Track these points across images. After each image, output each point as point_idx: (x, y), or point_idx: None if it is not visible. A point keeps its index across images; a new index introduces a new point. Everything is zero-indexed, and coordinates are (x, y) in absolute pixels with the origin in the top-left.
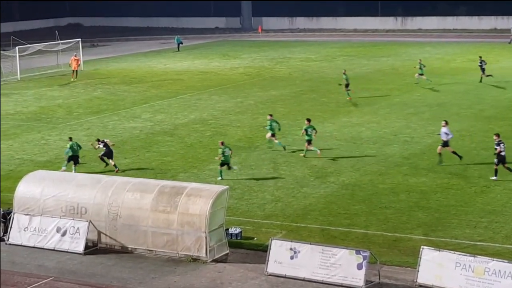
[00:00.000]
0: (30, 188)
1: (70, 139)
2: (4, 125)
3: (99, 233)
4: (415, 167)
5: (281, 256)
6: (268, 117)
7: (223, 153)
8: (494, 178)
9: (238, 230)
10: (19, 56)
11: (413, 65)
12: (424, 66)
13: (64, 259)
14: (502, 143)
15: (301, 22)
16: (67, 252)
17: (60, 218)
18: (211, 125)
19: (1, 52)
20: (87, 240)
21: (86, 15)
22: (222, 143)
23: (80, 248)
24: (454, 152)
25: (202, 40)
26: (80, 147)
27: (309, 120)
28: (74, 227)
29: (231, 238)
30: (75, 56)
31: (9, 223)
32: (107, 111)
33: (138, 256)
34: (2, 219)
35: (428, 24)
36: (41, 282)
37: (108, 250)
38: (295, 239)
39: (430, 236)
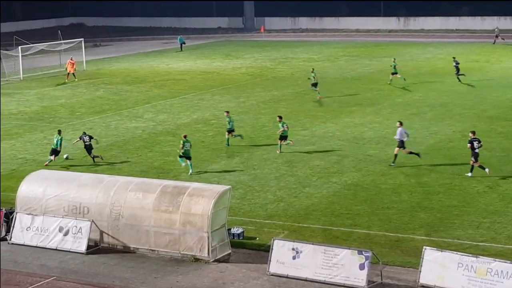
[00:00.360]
0: (33, 188)
1: (59, 132)
2: (7, 125)
3: (101, 232)
4: (417, 168)
5: (283, 256)
6: (225, 113)
7: (183, 145)
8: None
9: (240, 230)
10: (21, 55)
11: (415, 65)
12: (396, 65)
13: (66, 259)
14: (476, 140)
15: (304, 22)
16: (69, 251)
17: (63, 217)
18: (213, 125)
19: (4, 51)
20: (89, 240)
21: (88, 15)
22: (185, 136)
23: (82, 247)
24: (396, 154)
25: (204, 40)
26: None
27: (280, 117)
28: (76, 227)
29: (233, 238)
30: (71, 59)
31: (12, 222)
32: (109, 111)
33: (140, 256)
34: (4, 219)
35: (431, 24)
36: (43, 282)
37: (110, 250)
38: (297, 239)
39: (432, 236)
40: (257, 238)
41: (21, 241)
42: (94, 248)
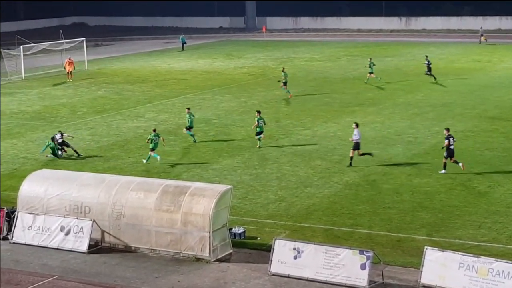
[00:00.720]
0: (34, 187)
1: (52, 139)
2: (9, 124)
3: (103, 232)
4: (418, 168)
5: (285, 256)
6: (186, 110)
7: (151, 140)
8: (443, 171)
9: (241, 230)
10: (23, 55)
11: (417, 65)
12: (374, 65)
13: (67, 258)
14: (452, 137)
15: (305, 22)
16: (70, 251)
17: (64, 217)
18: (214, 124)
19: (6, 51)
20: (90, 239)
21: (90, 15)
22: (154, 130)
23: (84, 247)
24: (363, 154)
25: (206, 40)
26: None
27: (259, 112)
28: (77, 226)
29: (235, 237)
30: (69, 58)
31: (13, 222)
32: (111, 111)
33: (141, 256)
34: (6, 218)
35: (433, 24)
36: (44, 281)
37: (111, 249)
38: (298, 239)
39: (434, 236)
40: (259, 238)
41: (22, 241)
42: (96, 247)
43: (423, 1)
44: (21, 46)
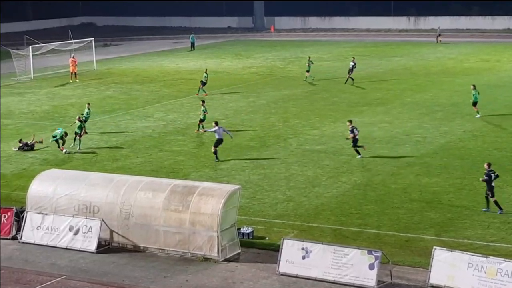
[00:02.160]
0: (43, 187)
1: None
2: (18, 124)
3: (112, 232)
4: (427, 167)
5: (293, 255)
6: (87, 105)
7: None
8: (359, 156)
9: (250, 230)
10: (32, 55)
11: (425, 65)
12: (312, 63)
13: (76, 258)
14: (355, 128)
15: (314, 21)
16: (79, 250)
17: (73, 217)
18: (223, 124)
19: (15, 51)
20: (99, 239)
21: (99, 15)
22: (79, 118)
23: (93, 247)
24: (215, 152)
25: (214, 40)
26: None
27: (203, 102)
28: (86, 226)
29: (243, 237)
30: (73, 57)
31: (22, 221)
32: (119, 110)
33: (150, 255)
34: (15, 218)
35: (441, 24)
36: (53, 281)
37: (120, 249)
38: (307, 239)
39: (442, 236)
40: (267, 238)
41: (31, 240)
42: (104, 247)
43: (432, 0)
44: (30, 46)
